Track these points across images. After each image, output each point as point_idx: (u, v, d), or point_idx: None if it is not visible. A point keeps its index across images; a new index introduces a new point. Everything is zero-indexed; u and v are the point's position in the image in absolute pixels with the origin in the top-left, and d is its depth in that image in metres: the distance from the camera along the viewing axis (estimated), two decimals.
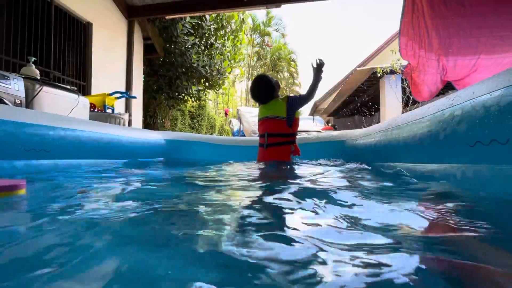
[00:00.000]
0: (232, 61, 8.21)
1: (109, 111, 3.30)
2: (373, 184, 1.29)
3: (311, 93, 2.24)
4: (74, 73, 4.22)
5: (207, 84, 7.63)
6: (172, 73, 6.69)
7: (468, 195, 0.97)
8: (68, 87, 2.55)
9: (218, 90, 8.43)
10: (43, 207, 0.82)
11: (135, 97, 4.98)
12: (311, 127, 7.36)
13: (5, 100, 1.85)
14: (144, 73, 6.41)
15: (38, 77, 2.30)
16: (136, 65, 5.55)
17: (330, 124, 10.06)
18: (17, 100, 1.97)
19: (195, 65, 6.72)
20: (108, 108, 3.32)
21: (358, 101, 11.28)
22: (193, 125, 9.96)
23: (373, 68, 7.75)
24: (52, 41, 3.70)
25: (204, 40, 7.05)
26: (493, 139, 0.87)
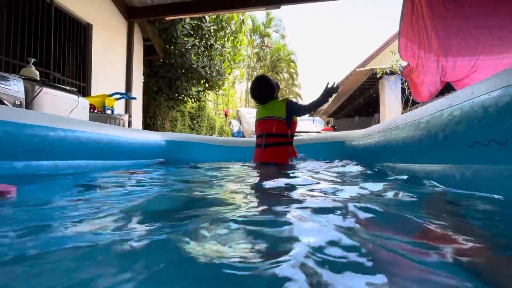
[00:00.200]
0: (232, 62, 8.22)
1: (109, 112, 3.30)
2: (372, 185, 1.29)
3: (311, 107, 2.23)
4: (74, 74, 4.22)
5: (207, 85, 7.64)
6: (172, 74, 6.70)
7: (467, 195, 0.97)
8: (68, 88, 2.55)
9: (218, 91, 8.43)
10: (31, 213, 0.79)
11: (135, 98, 4.98)
12: (311, 128, 7.36)
13: (5, 101, 1.85)
14: (144, 74, 6.41)
15: (38, 78, 2.30)
16: (136, 66, 5.56)
17: (330, 125, 10.06)
18: (16, 101, 1.97)
19: (195, 66, 6.73)
20: (108, 109, 3.32)
21: (358, 102, 11.29)
22: (193, 126, 9.95)
23: (372, 69, 7.76)
24: (52, 42, 3.70)
25: (204, 41, 7.06)
26: (491, 139, 0.87)
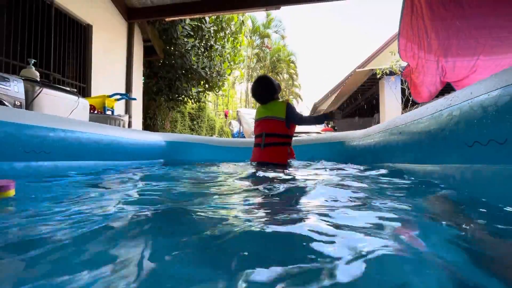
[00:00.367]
0: (232, 63, 8.23)
1: (109, 112, 3.30)
2: (372, 185, 1.29)
3: (305, 121, 2.34)
4: (74, 75, 4.22)
5: (207, 85, 7.64)
6: (172, 75, 6.70)
7: (466, 195, 0.97)
8: (68, 89, 2.55)
9: (217, 92, 8.43)
10: (30, 209, 0.79)
11: (135, 99, 4.98)
12: (311, 128, 7.36)
13: (5, 102, 1.85)
14: (144, 75, 6.42)
15: (38, 79, 2.30)
16: (136, 67, 5.56)
17: (329, 125, 10.06)
18: (17, 102, 1.97)
19: (194, 67, 6.73)
20: (108, 109, 3.32)
21: (358, 102, 11.29)
22: (193, 127, 9.95)
23: (372, 70, 7.77)
24: (52, 43, 3.70)
25: (204, 42, 7.07)
26: (491, 139, 0.87)
